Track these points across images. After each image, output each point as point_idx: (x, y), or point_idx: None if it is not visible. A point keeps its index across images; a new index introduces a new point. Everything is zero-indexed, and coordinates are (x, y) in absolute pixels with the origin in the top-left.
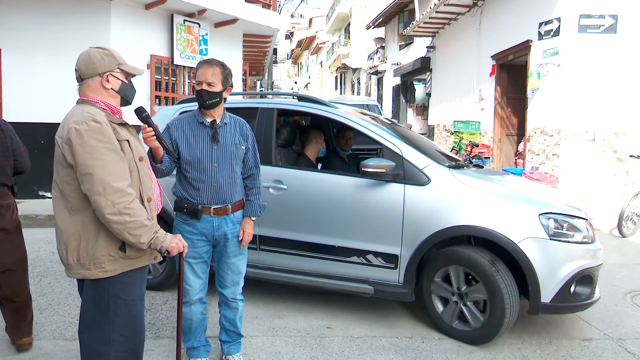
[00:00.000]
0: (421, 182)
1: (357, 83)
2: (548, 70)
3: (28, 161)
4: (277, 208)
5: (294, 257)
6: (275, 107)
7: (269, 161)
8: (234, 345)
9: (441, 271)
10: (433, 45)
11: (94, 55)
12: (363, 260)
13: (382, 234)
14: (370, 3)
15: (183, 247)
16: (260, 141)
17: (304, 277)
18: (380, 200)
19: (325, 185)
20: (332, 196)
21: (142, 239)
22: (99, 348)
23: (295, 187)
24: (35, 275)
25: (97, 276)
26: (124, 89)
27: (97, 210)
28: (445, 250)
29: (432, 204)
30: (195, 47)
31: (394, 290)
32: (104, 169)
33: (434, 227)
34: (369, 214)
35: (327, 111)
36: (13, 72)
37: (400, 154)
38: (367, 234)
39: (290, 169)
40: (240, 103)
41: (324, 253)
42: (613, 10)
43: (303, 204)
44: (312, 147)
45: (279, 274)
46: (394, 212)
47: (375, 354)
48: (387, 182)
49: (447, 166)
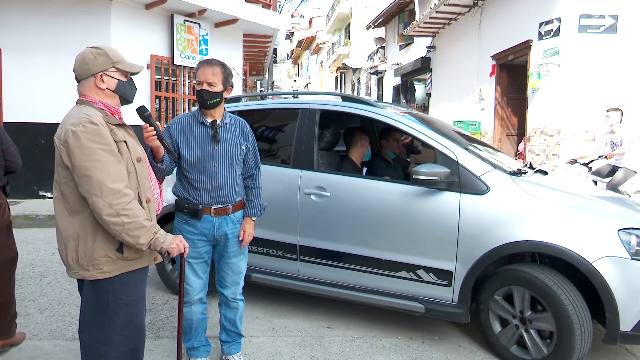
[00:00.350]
0: (479, 191)
1: (357, 83)
2: (548, 70)
3: (19, 161)
4: (319, 216)
5: (336, 269)
6: (317, 108)
7: (311, 166)
8: (234, 345)
9: (503, 290)
10: (433, 45)
11: (87, 56)
12: (413, 275)
13: (435, 247)
14: (370, 3)
15: (184, 248)
16: (302, 144)
17: (348, 291)
18: (433, 211)
19: (372, 193)
20: (379, 205)
21: (141, 240)
22: (99, 348)
23: (338, 194)
24: (35, 275)
25: (95, 277)
26: (121, 88)
27: (95, 212)
28: (508, 268)
29: (491, 216)
30: (196, 47)
31: (447, 310)
32: (101, 171)
33: (493, 242)
34: (420, 225)
35: (373, 112)
36: (13, 72)
37: (455, 160)
38: (417, 247)
39: (333, 175)
40: (279, 104)
41: (370, 266)
42: (613, 10)
43: (347, 213)
44: (356, 150)
45: (320, 287)
46: (448, 224)
47: (375, 354)
48: (441, 191)
49: (508, 173)
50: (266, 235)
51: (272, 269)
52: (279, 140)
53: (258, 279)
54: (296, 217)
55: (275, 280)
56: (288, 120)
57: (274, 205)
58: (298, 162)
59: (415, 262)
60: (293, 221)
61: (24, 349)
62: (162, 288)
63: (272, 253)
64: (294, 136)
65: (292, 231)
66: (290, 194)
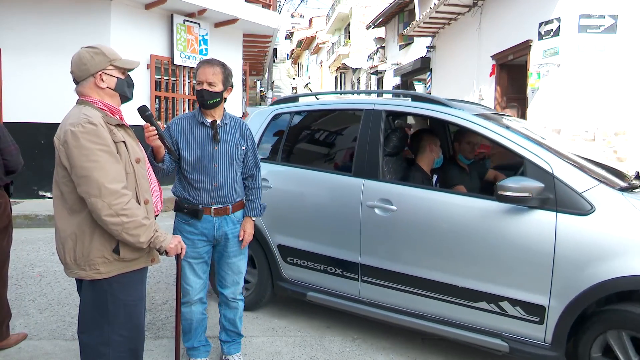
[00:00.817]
0: (581, 211)
1: (357, 83)
2: (548, 70)
3: (19, 160)
4: (384, 233)
5: (404, 294)
6: (383, 109)
7: (375, 174)
8: (234, 345)
9: (611, 335)
10: (433, 45)
11: (84, 56)
12: (495, 308)
13: (523, 277)
14: (370, 3)
15: (182, 249)
16: (365, 150)
17: (417, 320)
18: (522, 232)
19: (446, 208)
20: (455, 223)
21: (142, 238)
22: (99, 348)
23: (406, 208)
24: (35, 275)
25: (92, 277)
26: (120, 86)
27: (94, 213)
28: (619, 308)
29: (597, 242)
30: (195, 47)
31: (538, 352)
32: (100, 171)
33: (600, 274)
34: (505, 249)
35: (450, 114)
36: (13, 72)
37: (551, 172)
38: (501, 275)
39: (401, 186)
40: (340, 104)
41: (443, 293)
42: (613, 10)
43: (416, 230)
44: (425, 156)
45: (385, 312)
46: (541, 249)
47: (376, 353)
48: (531, 209)
49: (618, 189)
50: (324, 251)
51: (329, 288)
52: (339, 145)
53: (314, 298)
54: (357, 233)
55: (333, 300)
56: (349, 122)
57: (333, 218)
58: (360, 170)
59: (498, 292)
60: (354, 237)
61: (24, 349)
62: (162, 288)
63: (330, 271)
64: (355, 140)
65: (353, 248)
66: (351, 206)
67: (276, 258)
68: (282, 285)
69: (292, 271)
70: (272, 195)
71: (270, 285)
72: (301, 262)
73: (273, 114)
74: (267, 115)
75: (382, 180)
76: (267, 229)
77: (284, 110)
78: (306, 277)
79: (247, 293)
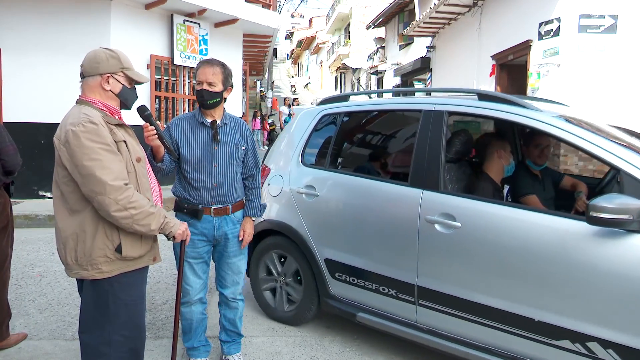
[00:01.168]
0: None
1: (357, 83)
2: (548, 70)
3: (17, 159)
4: (446, 253)
5: (468, 323)
6: (445, 110)
7: (435, 185)
8: (234, 345)
9: None
10: (433, 45)
11: (100, 55)
12: (581, 348)
13: (618, 314)
14: (370, 3)
15: (187, 236)
16: (424, 156)
17: (482, 354)
18: (616, 261)
19: (520, 227)
20: (532, 245)
21: (153, 226)
22: (100, 348)
23: (473, 225)
24: (35, 275)
25: (94, 277)
26: (124, 93)
27: (102, 210)
28: None
29: None
30: (195, 47)
31: None
32: (102, 169)
33: None
34: (594, 279)
35: (527, 117)
36: (13, 72)
37: None
38: (589, 311)
39: (465, 199)
40: (395, 103)
41: (516, 327)
42: (613, 10)
43: (484, 251)
44: (494, 164)
45: (445, 342)
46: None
47: (376, 354)
48: (630, 233)
49: None
50: (375, 269)
51: (382, 310)
52: (393, 150)
53: (365, 320)
54: (414, 251)
55: (386, 324)
56: (405, 124)
57: (386, 233)
58: (418, 180)
59: (585, 330)
60: (410, 255)
61: (24, 349)
62: (162, 288)
63: (382, 291)
64: (413, 145)
65: (409, 267)
66: (408, 220)
67: (323, 273)
68: (330, 302)
69: (340, 288)
70: (319, 205)
71: (317, 301)
72: (350, 279)
73: (321, 115)
74: (314, 116)
75: (444, 192)
76: (313, 241)
77: (334, 111)
78: (356, 295)
79: (291, 308)
